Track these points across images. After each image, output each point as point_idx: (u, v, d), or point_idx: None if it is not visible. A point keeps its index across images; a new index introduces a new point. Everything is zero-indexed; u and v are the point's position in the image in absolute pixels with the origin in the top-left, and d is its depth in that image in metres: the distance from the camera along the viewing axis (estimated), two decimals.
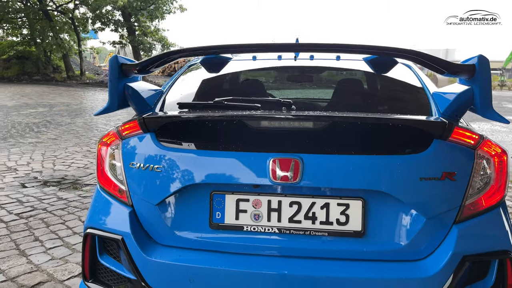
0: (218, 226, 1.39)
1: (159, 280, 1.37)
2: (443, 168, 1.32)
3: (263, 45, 1.46)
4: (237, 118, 1.43)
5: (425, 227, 1.32)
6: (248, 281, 1.33)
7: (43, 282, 2.35)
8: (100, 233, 1.49)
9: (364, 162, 1.34)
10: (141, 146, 1.48)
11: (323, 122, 1.41)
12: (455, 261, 1.29)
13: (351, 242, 1.35)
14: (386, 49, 1.41)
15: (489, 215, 1.37)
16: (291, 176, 1.32)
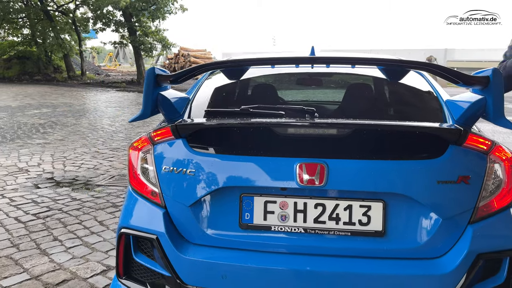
0: (247, 226, 1.49)
1: (193, 276, 1.47)
2: (459, 172, 1.42)
3: (287, 58, 1.57)
4: (265, 125, 1.53)
5: (441, 227, 1.42)
6: (276, 278, 1.43)
7: (67, 280, 2.44)
8: (134, 232, 1.58)
9: (384, 166, 1.44)
10: (173, 151, 1.58)
11: (346, 129, 1.51)
12: (470, 259, 1.38)
13: (372, 241, 1.45)
14: (405, 62, 1.51)
15: (501, 216, 1.47)
16: (317, 180, 1.41)
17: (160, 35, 22.50)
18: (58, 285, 2.38)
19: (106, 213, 3.56)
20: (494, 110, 1.43)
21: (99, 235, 3.10)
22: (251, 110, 1.64)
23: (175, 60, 36.03)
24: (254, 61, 1.75)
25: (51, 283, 2.40)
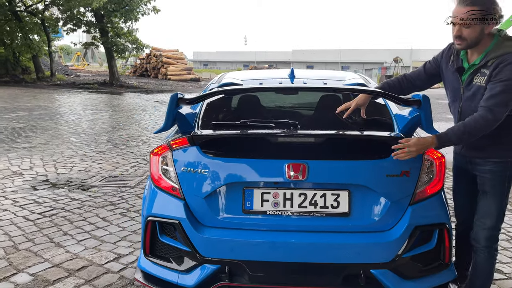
0: (248, 211, 1.98)
1: (208, 250, 1.94)
2: (402, 168, 1.97)
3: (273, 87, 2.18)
4: (261, 135, 2.03)
5: (390, 208, 1.96)
6: (270, 248, 1.92)
7: (86, 266, 2.85)
8: (160, 219, 2.04)
9: (349, 165, 1.96)
10: (189, 155, 2.04)
11: (321, 138, 2.03)
12: (409, 230, 1.93)
13: (341, 220, 1.97)
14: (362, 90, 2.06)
15: (433, 199, 2.02)
16: (300, 175, 1.92)
17: (133, 36, 22.52)
18: (79, 270, 2.79)
19: (107, 210, 3.94)
20: (426, 123, 1.99)
21: (105, 229, 3.49)
22: (248, 123, 2.13)
23: (147, 60, 35.86)
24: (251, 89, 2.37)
25: (72, 269, 2.80)
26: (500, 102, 1.87)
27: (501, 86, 1.87)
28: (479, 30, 1.92)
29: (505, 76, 1.87)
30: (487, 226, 2.08)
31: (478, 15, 1.89)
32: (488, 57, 1.94)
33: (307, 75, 2.98)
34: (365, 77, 2.95)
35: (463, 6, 1.91)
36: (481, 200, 2.12)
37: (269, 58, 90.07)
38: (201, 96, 2.10)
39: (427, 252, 2.00)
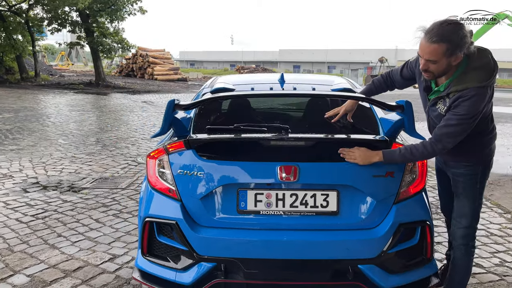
0: (242, 211, 2.08)
1: (205, 249, 2.03)
2: (386, 169, 2.09)
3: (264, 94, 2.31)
4: (254, 139, 2.13)
5: (376, 207, 2.08)
6: (264, 246, 2.03)
7: (82, 267, 2.91)
8: (157, 220, 2.12)
9: (337, 166, 2.08)
10: (185, 158, 2.13)
11: (311, 141, 2.14)
12: (394, 227, 2.05)
13: (330, 218, 2.08)
14: (350, 97, 2.19)
15: (415, 198, 2.16)
16: (292, 177, 2.03)
17: (119, 37, 22.37)
18: (75, 271, 2.85)
19: (99, 212, 3.99)
20: (409, 126, 2.12)
21: (99, 230, 3.55)
22: (242, 127, 2.23)
23: (133, 60, 35.60)
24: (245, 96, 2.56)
25: (68, 270, 2.85)
26: (451, 134, 1.98)
27: (457, 120, 1.95)
28: (446, 64, 1.93)
29: (462, 110, 1.94)
30: (463, 225, 2.22)
31: (445, 51, 1.88)
32: (450, 88, 1.99)
33: (296, 79, 3.09)
34: (351, 82, 3.08)
35: (430, 43, 1.88)
36: (456, 201, 2.26)
37: (256, 58, 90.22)
38: (196, 102, 2.19)
39: (411, 247, 2.13)
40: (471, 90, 1.93)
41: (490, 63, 1.97)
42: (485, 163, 2.20)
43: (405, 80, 2.43)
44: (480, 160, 2.18)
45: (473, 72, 1.96)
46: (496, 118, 9.20)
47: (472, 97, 1.92)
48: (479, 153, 2.16)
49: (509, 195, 4.90)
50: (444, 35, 1.86)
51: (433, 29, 1.89)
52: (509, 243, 3.47)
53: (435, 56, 1.90)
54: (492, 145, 2.21)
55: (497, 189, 5.18)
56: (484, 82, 1.94)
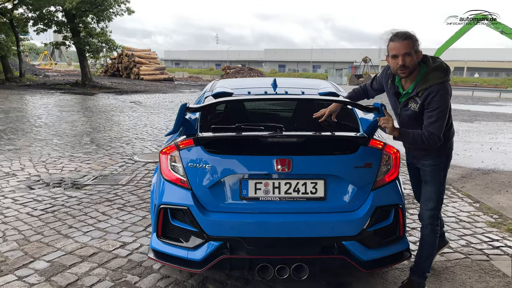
0: (244, 198, 2.44)
1: (213, 230, 2.39)
2: (365, 161, 2.48)
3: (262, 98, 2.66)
4: (254, 137, 2.49)
5: (356, 193, 2.47)
6: (263, 227, 2.39)
7: (96, 253, 3.22)
8: (171, 206, 2.47)
9: (324, 159, 2.46)
10: (194, 153, 2.48)
11: (302, 138, 2.52)
12: (372, 210, 2.44)
13: (318, 203, 2.46)
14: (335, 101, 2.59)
15: (390, 186, 2.55)
16: (286, 168, 2.40)
17: (106, 37, 22.42)
18: (90, 256, 3.16)
19: (104, 206, 4.30)
20: None
21: (106, 222, 3.86)
22: (242, 126, 2.59)
23: (119, 60, 35.55)
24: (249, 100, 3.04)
25: (84, 255, 3.17)
26: (439, 126, 2.40)
27: (436, 114, 2.37)
28: (415, 59, 2.40)
29: (435, 104, 2.37)
30: (429, 207, 2.63)
31: (413, 46, 2.37)
32: (418, 88, 2.41)
33: (287, 83, 3.47)
34: (336, 86, 3.48)
35: (401, 40, 2.37)
36: (424, 188, 2.67)
37: (241, 57, 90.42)
38: (206, 105, 2.56)
39: (386, 227, 2.53)
40: (435, 86, 2.37)
41: (443, 64, 2.45)
42: (446, 155, 2.61)
43: (374, 91, 2.92)
44: (443, 152, 2.59)
45: (433, 72, 2.41)
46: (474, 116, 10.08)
47: (438, 92, 2.36)
48: (441, 146, 2.57)
49: (479, 187, 5.38)
50: (409, 34, 2.39)
51: (399, 33, 2.41)
52: (475, 228, 3.92)
53: (409, 49, 2.38)
54: (452, 139, 2.62)
55: (469, 181, 5.66)
56: (443, 79, 2.39)
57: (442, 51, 35.39)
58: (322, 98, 2.88)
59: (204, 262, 2.39)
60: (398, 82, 2.58)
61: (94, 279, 2.82)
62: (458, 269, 3.06)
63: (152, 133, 9.08)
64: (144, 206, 4.31)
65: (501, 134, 10.51)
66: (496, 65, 66.96)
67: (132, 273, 2.91)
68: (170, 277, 2.86)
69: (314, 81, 3.80)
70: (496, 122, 13.04)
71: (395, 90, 2.60)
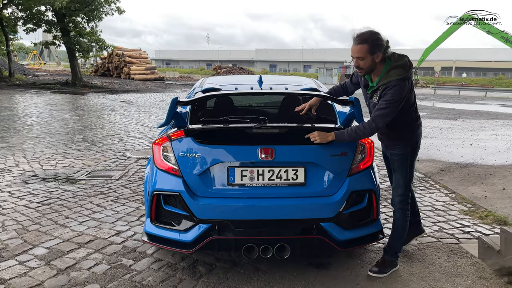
0: (231, 184, 2.66)
1: (202, 213, 2.60)
2: (342, 150, 2.72)
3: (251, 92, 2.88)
4: (240, 128, 2.72)
5: (333, 179, 2.71)
6: (248, 210, 2.61)
7: (92, 240, 3.42)
8: (164, 192, 2.68)
9: (304, 148, 2.69)
10: (185, 144, 2.69)
11: (284, 129, 2.75)
12: (347, 194, 2.68)
13: (299, 188, 2.69)
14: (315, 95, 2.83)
15: (364, 172, 2.79)
16: (269, 156, 2.62)
17: (96, 36, 22.44)
18: (87, 243, 3.35)
19: (99, 198, 4.48)
20: (358, 117, 2.76)
21: (101, 213, 4.05)
22: (229, 119, 2.81)
23: (109, 60, 35.50)
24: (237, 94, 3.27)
25: (81, 242, 3.36)
26: (382, 115, 2.61)
27: (385, 104, 2.60)
28: (371, 60, 2.59)
29: (388, 97, 2.59)
30: (399, 193, 2.87)
31: (368, 50, 2.56)
32: (380, 83, 2.65)
33: (272, 80, 3.70)
34: (317, 82, 3.72)
35: (356, 44, 2.58)
36: (393, 176, 2.92)
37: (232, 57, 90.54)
38: (195, 99, 2.78)
39: (360, 210, 2.77)
40: (393, 81, 2.59)
41: (407, 63, 2.65)
42: (412, 145, 2.86)
43: (354, 84, 3.14)
44: (408, 142, 2.84)
45: (394, 69, 2.63)
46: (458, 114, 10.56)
47: (394, 87, 2.58)
48: (407, 137, 2.82)
49: (456, 180, 5.67)
50: (364, 38, 2.58)
51: (357, 36, 2.60)
52: (449, 216, 4.19)
53: (361, 53, 2.59)
54: (417, 131, 2.86)
55: (447, 174, 5.96)
56: (402, 76, 2.60)
57: (430, 51, 35.97)
58: (304, 92, 3.11)
59: (194, 243, 2.60)
60: (368, 76, 2.82)
61: (91, 262, 3.02)
62: (429, 251, 3.32)
63: (143, 130, 9.25)
64: (137, 198, 4.50)
65: (482, 131, 10.88)
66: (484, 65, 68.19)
67: (127, 257, 3.11)
68: (163, 260, 3.07)
69: (297, 78, 4.04)
70: (479, 120, 13.45)
71: (365, 82, 2.84)
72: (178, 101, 2.69)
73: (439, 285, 2.79)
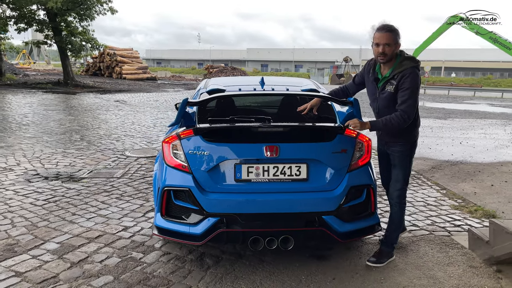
0: (238, 180, 2.82)
1: (211, 207, 2.75)
2: (342, 147, 2.90)
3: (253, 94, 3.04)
4: (247, 127, 2.88)
5: (334, 175, 2.88)
6: (255, 204, 2.77)
7: (101, 235, 3.55)
8: (174, 188, 2.82)
9: (307, 146, 2.86)
10: (194, 142, 2.84)
11: (287, 128, 2.92)
12: (347, 189, 2.86)
13: (302, 183, 2.86)
14: (316, 96, 3.00)
15: (362, 169, 2.97)
16: (274, 154, 2.79)
17: (89, 36, 22.37)
18: (96, 238, 3.48)
19: (103, 196, 4.60)
20: (357, 117, 2.94)
21: (107, 209, 4.18)
22: (236, 118, 2.97)
23: (100, 59, 35.30)
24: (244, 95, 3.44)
25: (91, 237, 3.49)
26: (410, 105, 2.83)
27: (408, 93, 2.81)
28: (395, 48, 2.86)
29: (408, 85, 2.82)
30: (397, 188, 3.06)
31: (394, 38, 2.84)
32: (394, 72, 2.89)
33: (274, 81, 3.86)
34: (317, 83, 3.89)
35: (384, 32, 2.84)
36: (393, 171, 3.10)
37: (224, 57, 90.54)
38: (206, 99, 2.94)
39: (359, 203, 2.95)
40: (408, 69, 2.84)
41: (415, 57, 2.93)
42: (411, 142, 3.05)
43: (357, 85, 3.30)
44: (409, 140, 3.03)
45: (406, 60, 2.90)
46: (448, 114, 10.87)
47: (410, 74, 2.83)
48: (408, 135, 3.01)
49: (446, 176, 5.90)
50: (392, 28, 2.86)
51: (385, 25, 2.87)
52: (441, 210, 4.40)
53: (390, 40, 2.84)
54: (416, 129, 3.06)
55: (438, 172, 6.18)
56: (415, 64, 2.87)
57: (419, 51, 36.45)
58: (305, 93, 3.28)
59: (203, 235, 2.76)
60: (378, 69, 3.01)
61: (103, 256, 3.15)
62: (423, 243, 3.51)
63: (140, 130, 9.35)
64: (140, 196, 4.64)
65: (471, 130, 11.18)
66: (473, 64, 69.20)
67: (136, 251, 3.25)
68: (171, 253, 3.22)
69: (297, 79, 4.21)
70: (468, 119, 13.79)
71: (375, 76, 3.03)
72: (189, 102, 2.84)
73: (432, 274, 2.99)
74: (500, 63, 64.02)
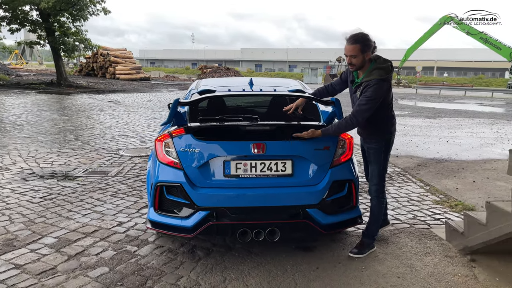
0: (227, 176, 2.98)
1: (202, 201, 2.92)
2: (325, 145, 3.08)
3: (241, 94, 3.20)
4: (235, 126, 3.05)
5: (318, 170, 3.06)
6: (243, 198, 2.94)
7: (97, 230, 3.70)
8: (166, 184, 2.99)
9: (292, 143, 3.04)
10: (185, 140, 3.00)
11: (274, 127, 3.09)
12: (330, 183, 3.04)
13: (287, 179, 3.03)
14: (300, 96, 3.18)
15: (344, 165, 3.16)
16: (261, 151, 2.96)
17: (82, 36, 22.41)
18: (92, 233, 3.63)
19: (98, 194, 4.75)
20: (339, 116, 3.13)
21: (102, 206, 4.33)
22: (225, 117, 3.14)
23: (94, 59, 35.27)
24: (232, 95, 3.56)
25: (87, 232, 3.64)
26: (362, 110, 2.98)
27: (365, 100, 2.97)
28: (362, 58, 2.99)
29: (368, 94, 2.96)
30: (374, 183, 3.25)
31: (360, 49, 2.94)
32: (363, 80, 3.04)
33: (262, 82, 4.04)
34: (303, 84, 4.08)
35: (349, 44, 2.95)
36: (370, 167, 3.29)
37: (218, 57, 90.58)
38: (196, 99, 3.10)
39: (341, 197, 3.13)
40: (374, 80, 2.96)
41: (389, 67, 3.03)
42: (386, 140, 3.23)
43: (343, 82, 3.45)
44: (383, 137, 3.21)
45: (377, 70, 3.00)
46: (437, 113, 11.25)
47: (374, 85, 2.95)
48: (382, 133, 3.19)
49: (431, 173, 6.11)
50: (357, 39, 2.95)
51: (351, 36, 2.97)
52: (423, 205, 4.60)
53: (354, 52, 2.96)
54: (392, 128, 3.24)
55: (423, 169, 6.40)
56: (382, 77, 2.98)
57: (412, 51, 36.88)
58: (291, 94, 3.46)
59: (194, 228, 2.92)
60: (355, 72, 3.18)
61: (98, 249, 3.30)
62: (403, 235, 3.71)
63: (134, 130, 9.48)
64: (134, 193, 4.79)
65: (459, 129, 11.44)
66: (465, 64, 69.99)
67: (131, 244, 3.41)
68: (164, 246, 3.38)
69: (284, 80, 4.40)
70: (456, 118, 14.07)
71: (352, 78, 3.21)
72: (180, 101, 3.00)
73: (410, 263, 3.18)
74: (492, 63, 64.81)
